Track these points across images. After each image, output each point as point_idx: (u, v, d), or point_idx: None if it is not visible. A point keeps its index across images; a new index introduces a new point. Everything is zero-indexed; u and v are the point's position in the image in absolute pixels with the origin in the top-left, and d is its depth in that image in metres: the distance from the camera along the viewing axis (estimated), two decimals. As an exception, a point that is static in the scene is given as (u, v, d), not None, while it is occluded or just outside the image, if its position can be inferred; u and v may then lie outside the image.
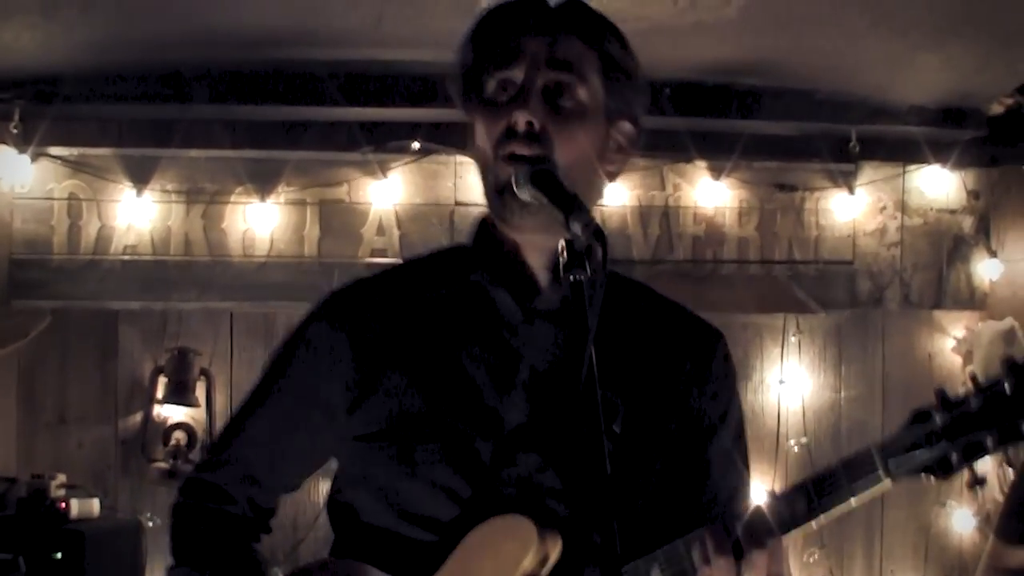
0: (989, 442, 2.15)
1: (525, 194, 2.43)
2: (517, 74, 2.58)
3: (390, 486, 2.64)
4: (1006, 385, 2.14)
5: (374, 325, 2.74)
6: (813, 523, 2.31)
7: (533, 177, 2.41)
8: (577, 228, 2.24)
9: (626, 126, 2.71)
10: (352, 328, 2.75)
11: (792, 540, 2.34)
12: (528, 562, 2.47)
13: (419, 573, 2.57)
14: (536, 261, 2.71)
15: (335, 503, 2.81)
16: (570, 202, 2.31)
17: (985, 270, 7.18)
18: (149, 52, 6.12)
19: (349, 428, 2.71)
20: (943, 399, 2.21)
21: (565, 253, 2.23)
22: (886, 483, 2.24)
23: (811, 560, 6.61)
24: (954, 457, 2.18)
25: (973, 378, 2.22)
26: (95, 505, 6.10)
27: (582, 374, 2.18)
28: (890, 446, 2.24)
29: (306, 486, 3.06)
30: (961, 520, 7.00)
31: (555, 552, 2.50)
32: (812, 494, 2.29)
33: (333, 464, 2.88)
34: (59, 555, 5.58)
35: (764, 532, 2.30)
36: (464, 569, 2.53)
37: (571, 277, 2.21)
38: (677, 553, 2.39)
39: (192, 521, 2.82)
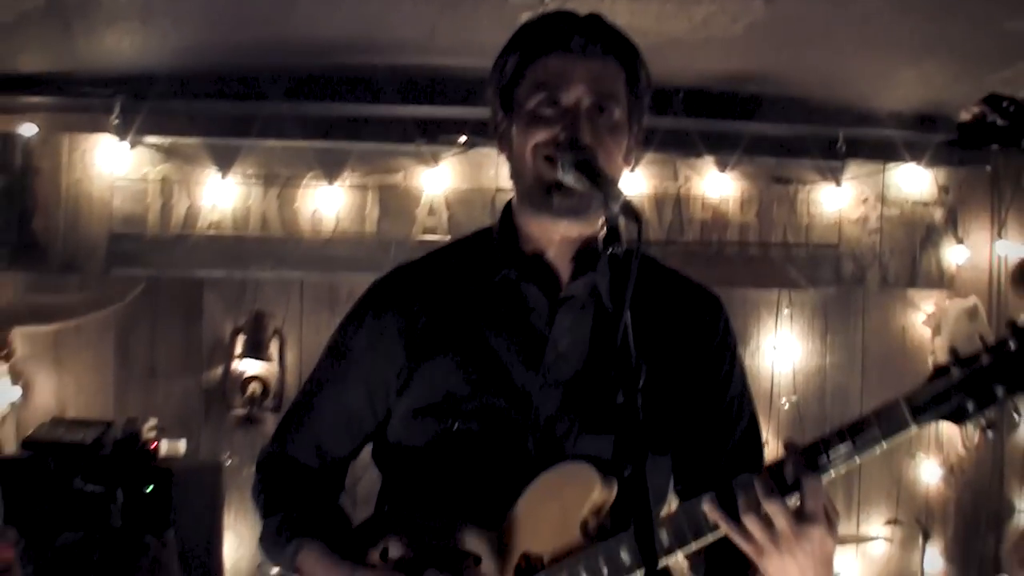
0: (1000, 392, 2.18)
1: (569, 179, 2.44)
2: (565, 96, 2.58)
3: (437, 454, 2.68)
4: (1011, 344, 2.18)
5: (420, 314, 2.75)
6: (850, 464, 2.27)
7: (577, 164, 2.41)
8: (615, 208, 2.25)
9: (637, 130, 2.72)
10: (399, 315, 2.77)
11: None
12: (591, 504, 2.50)
13: (473, 520, 2.60)
14: (558, 255, 2.73)
15: (384, 459, 2.85)
16: (609, 186, 2.32)
17: (952, 255, 7.37)
18: (232, 56, 6.31)
19: (398, 404, 2.75)
20: (957, 357, 2.24)
21: (604, 230, 2.25)
22: (913, 429, 2.24)
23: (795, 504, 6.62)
24: (970, 406, 2.21)
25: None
26: (181, 446, 6.31)
27: (617, 337, 2.17)
28: (915, 397, 2.24)
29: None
30: (928, 470, 7.19)
31: (613, 494, 2.52)
32: (850, 439, 2.26)
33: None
34: (150, 489, 5.71)
35: (804, 474, 2.25)
36: (532, 513, 2.55)
37: (609, 251, 2.23)
38: (729, 490, 2.32)
39: (277, 484, 2.87)
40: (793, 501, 2.24)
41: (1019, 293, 4.13)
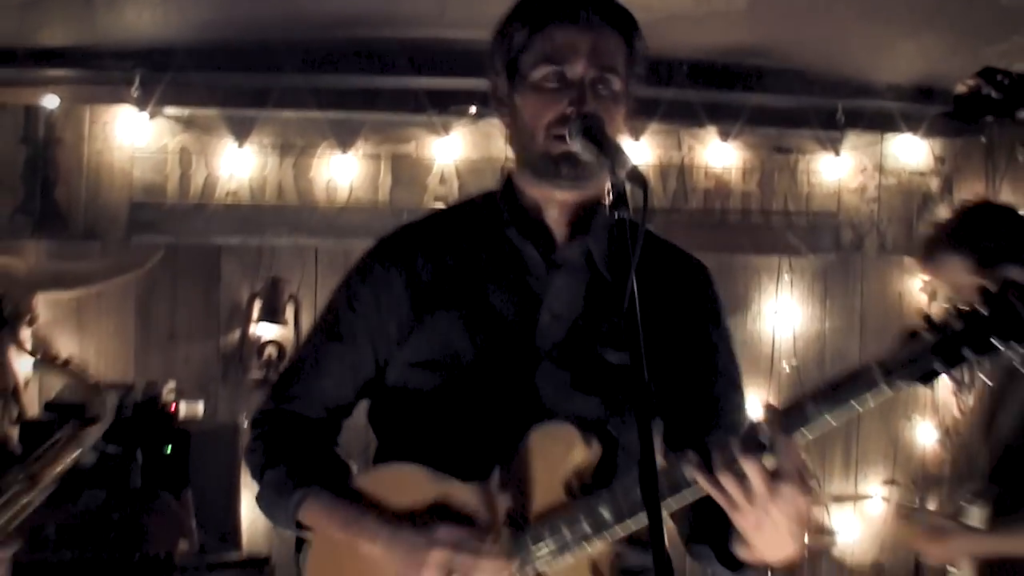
0: (968, 353, 2.16)
1: (576, 145, 2.46)
2: (570, 70, 2.59)
3: (431, 408, 2.69)
4: (981, 309, 2.15)
5: (425, 269, 2.77)
6: (825, 426, 2.26)
7: (585, 132, 2.43)
8: (622, 174, 2.24)
9: (632, 100, 2.74)
10: (405, 270, 2.77)
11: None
12: (574, 463, 2.52)
13: (464, 476, 2.59)
14: (555, 218, 2.75)
15: (380, 416, 2.84)
16: (616, 152, 2.32)
17: (948, 223, 7.45)
18: (249, 29, 6.33)
19: (400, 356, 2.76)
20: (930, 321, 2.21)
21: (611, 194, 2.23)
22: (885, 392, 2.22)
23: (798, 463, 6.70)
24: (939, 368, 2.18)
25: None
26: (199, 408, 6.40)
27: (624, 301, 2.16)
28: (887, 361, 2.22)
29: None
30: (924, 432, 7.30)
31: (596, 454, 2.55)
32: (824, 402, 2.25)
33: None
34: (169, 449, 5.78)
35: (779, 434, 2.25)
36: (519, 472, 2.56)
37: (615, 215, 2.21)
38: (711, 445, 2.30)
39: (278, 438, 2.82)
40: (769, 461, 2.24)
41: (924, 267, 4.16)
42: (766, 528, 2.29)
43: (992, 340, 2.14)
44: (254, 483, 2.82)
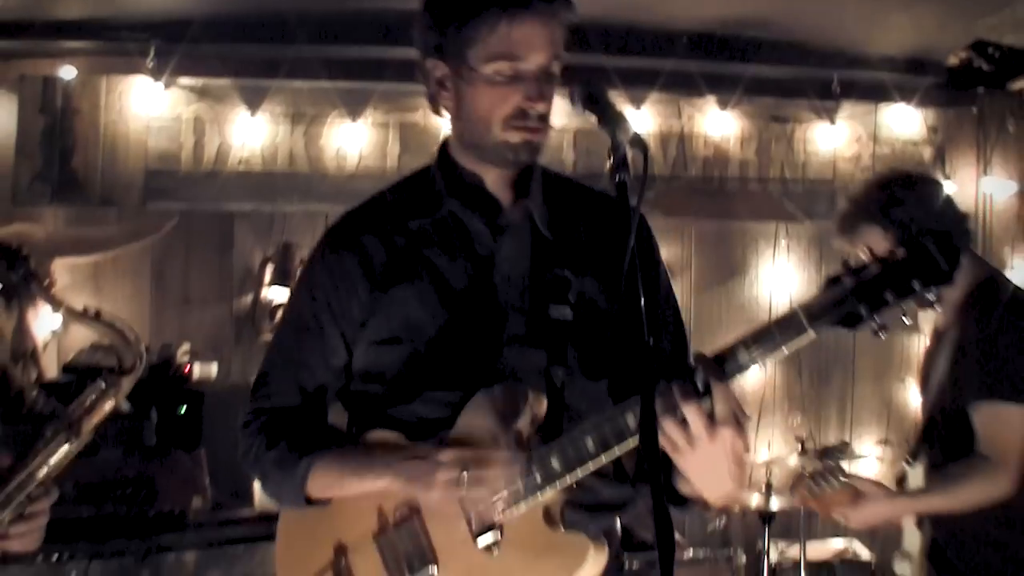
0: (889, 297, 2.26)
1: (578, 109, 2.43)
2: (525, 64, 2.63)
3: (399, 379, 2.78)
4: (899, 252, 2.26)
5: (374, 250, 2.81)
6: (754, 366, 2.36)
7: (588, 97, 2.42)
8: (623, 138, 2.28)
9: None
10: (356, 253, 2.82)
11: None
12: (524, 417, 2.60)
13: (425, 437, 2.69)
14: (497, 186, 2.83)
15: (350, 393, 2.93)
16: (618, 118, 2.33)
17: (940, 191, 7.52)
18: (261, 1, 6.39)
19: (364, 335, 2.83)
20: (849, 267, 2.31)
21: (612, 158, 2.27)
22: (809, 334, 2.30)
23: (795, 423, 6.85)
24: (863, 311, 2.27)
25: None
26: (213, 369, 6.47)
27: (625, 262, 2.21)
28: (811, 305, 2.31)
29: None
30: (916, 394, 6.96)
31: (542, 410, 2.63)
32: (753, 346, 2.34)
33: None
34: (183, 410, 5.83)
35: (714, 380, 2.33)
36: (467, 428, 2.64)
37: (617, 178, 2.26)
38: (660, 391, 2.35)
39: (272, 426, 2.90)
40: (707, 406, 2.33)
41: (842, 238, 4.22)
42: (706, 468, 2.41)
43: (912, 283, 2.26)
44: (258, 479, 2.95)
